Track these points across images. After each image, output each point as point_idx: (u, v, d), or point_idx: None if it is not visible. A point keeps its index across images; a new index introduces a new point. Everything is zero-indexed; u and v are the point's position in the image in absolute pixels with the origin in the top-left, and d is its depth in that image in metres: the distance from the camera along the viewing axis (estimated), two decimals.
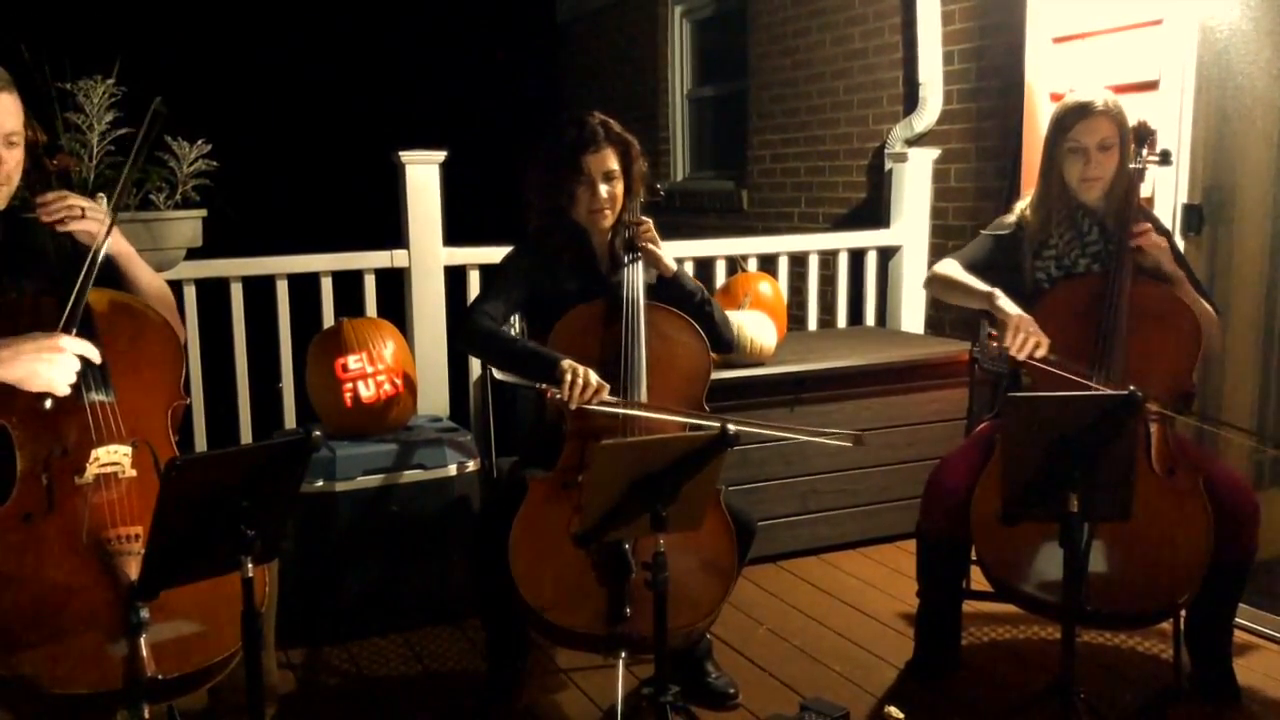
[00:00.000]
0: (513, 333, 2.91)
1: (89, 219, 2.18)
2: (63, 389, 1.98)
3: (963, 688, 2.93)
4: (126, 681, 1.91)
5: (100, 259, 2.12)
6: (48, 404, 1.98)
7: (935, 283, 2.97)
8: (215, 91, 7.98)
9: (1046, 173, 2.88)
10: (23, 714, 2.02)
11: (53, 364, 1.95)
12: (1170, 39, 3.56)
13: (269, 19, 9.61)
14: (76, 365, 1.99)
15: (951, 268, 2.93)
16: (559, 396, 2.52)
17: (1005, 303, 2.74)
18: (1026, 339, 2.64)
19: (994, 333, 2.72)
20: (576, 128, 2.77)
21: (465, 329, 2.77)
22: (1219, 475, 2.67)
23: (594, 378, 2.53)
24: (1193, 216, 3.54)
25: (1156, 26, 3.61)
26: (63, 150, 2.81)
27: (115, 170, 3.19)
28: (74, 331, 2.02)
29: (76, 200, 2.18)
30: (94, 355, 2.03)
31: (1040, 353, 2.65)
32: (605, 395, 2.54)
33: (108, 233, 2.15)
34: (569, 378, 2.51)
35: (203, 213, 3.37)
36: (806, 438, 2.55)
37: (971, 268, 2.91)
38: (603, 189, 2.75)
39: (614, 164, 2.77)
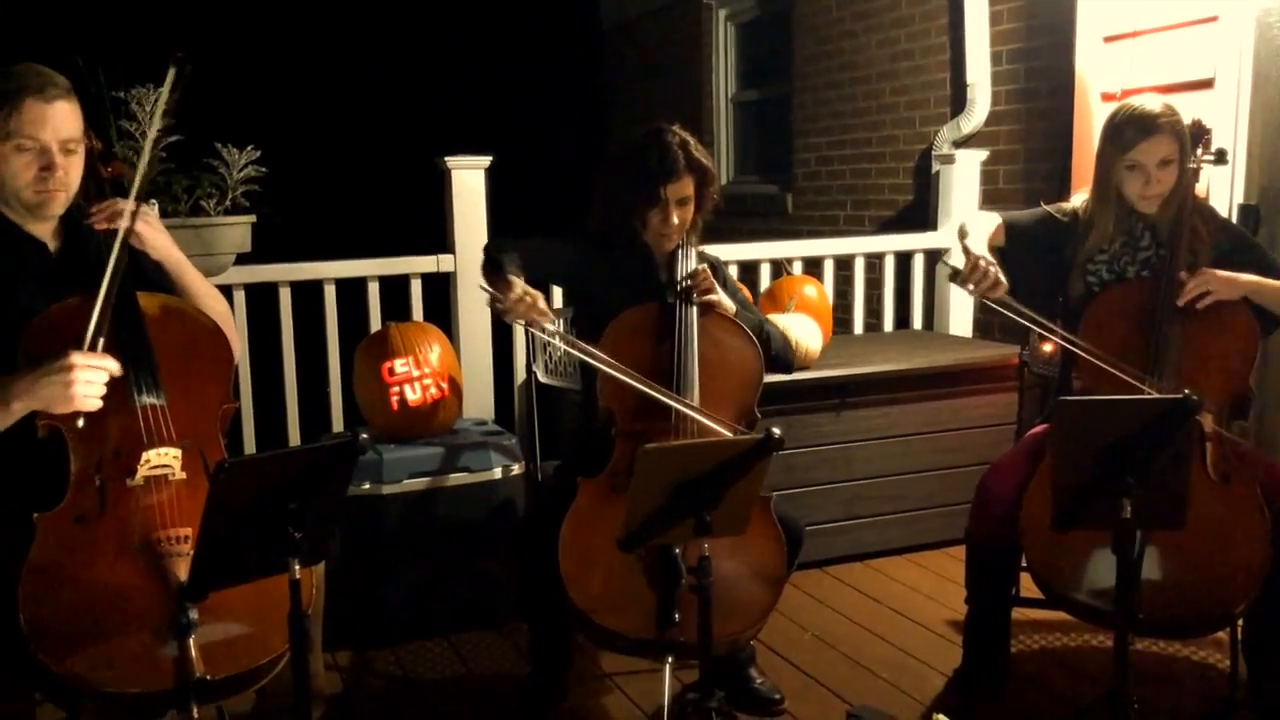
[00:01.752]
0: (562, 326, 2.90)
1: (138, 223, 2.21)
2: (90, 405, 1.98)
3: (1012, 696, 2.89)
4: (176, 682, 1.93)
5: (124, 257, 2.11)
6: (80, 423, 2.00)
7: (961, 229, 2.99)
8: (264, 98, 8.09)
9: (1102, 186, 2.80)
10: (76, 713, 2.06)
11: (71, 384, 1.95)
12: (1226, 36, 3.49)
13: (316, 26, 9.72)
14: (99, 378, 1.99)
15: (988, 219, 2.91)
16: (500, 306, 2.50)
17: (973, 242, 2.75)
18: (985, 277, 2.62)
19: (951, 265, 2.73)
20: (659, 152, 2.73)
21: (489, 243, 2.84)
22: (1277, 480, 2.61)
23: (542, 302, 2.52)
24: (1249, 217, 3.48)
25: (1212, 23, 3.55)
26: (116, 158, 2.85)
27: (167, 177, 3.24)
28: (100, 343, 2.02)
29: (126, 205, 2.21)
30: (113, 368, 2.01)
31: (997, 294, 2.63)
32: (547, 325, 2.53)
33: (132, 220, 2.15)
34: (518, 290, 2.49)
35: (252, 218, 3.41)
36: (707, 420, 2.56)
37: (1012, 226, 2.90)
38: (675, 216, 2.76)
39: (690, 191, 2.78)
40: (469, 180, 4.01)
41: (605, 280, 2.82)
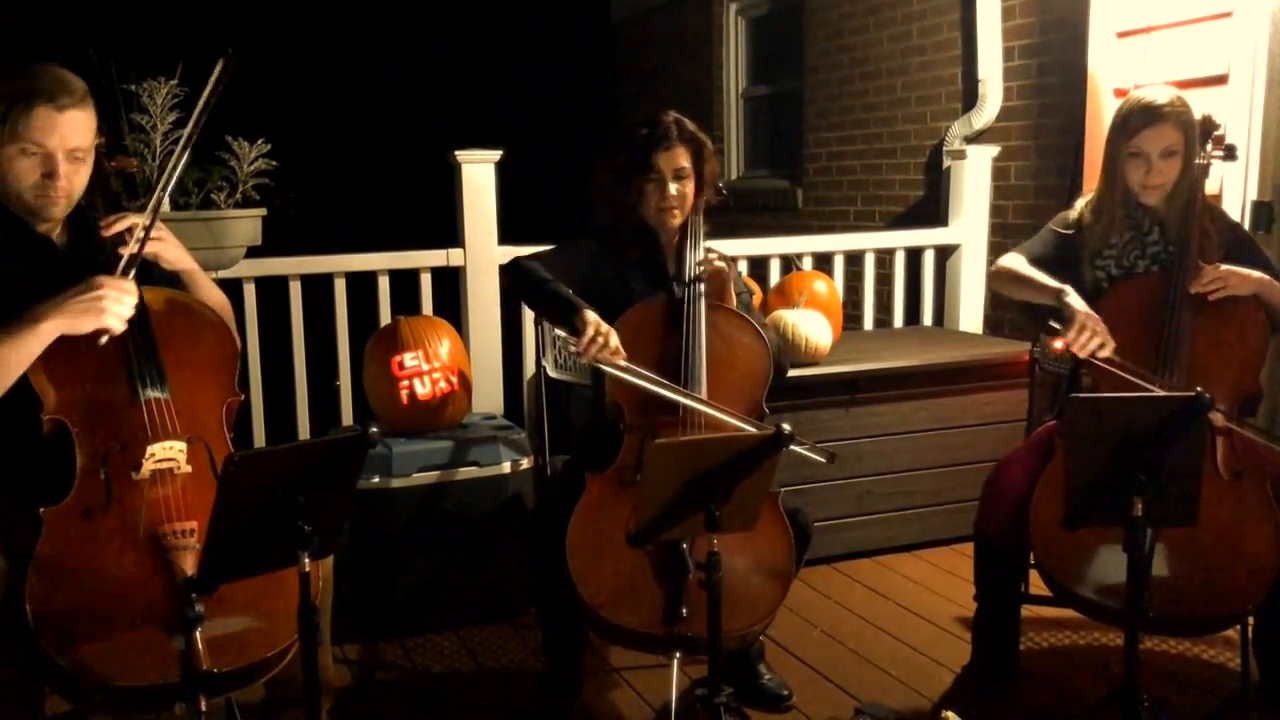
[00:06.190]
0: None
1: (150, 240, 2.21)
2: (117, 324, 2.05)
3: (1021, 694, 2.88)
4: (183, 674, 1.93)
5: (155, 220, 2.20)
6: (103, 340, 2.05)
7: (1000, 277, 2.91)
8: (275, 92, 8.09)
9: (1108, 174, 2.79)
10: (84, 706, 2.06)
11: (101, 298, 2.03)
12: (1240, 31, 3.47)
13: (328, 20, 9.73)
14: (127, 299, 2.06)
15: (1017, 262, 2.86)
16: (573, 348, 2.52)
17: (1074, 299, 2.68)
18: (1091, 337, 2.59)
19: (1057, 327, 2.66)
20: (650, 125, 2.76)
21: (511, 263, 2.80)
22: None
23: (614, 339, 2.52)
24: (1262, 214, 3.46)
25: (1226, 19, 3.53)
26: (125, 151, 2.86)
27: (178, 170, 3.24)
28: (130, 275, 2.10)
29: (137, 220, 2.21)
30: (131, 290, 2.08)
31: (1104, 353, 2.59)
32: (620, 361, 2.52)
33: (141, 246, 2.18)
34: (589, 332, 2.49)
35: (262, 212, 3.42)
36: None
37: (1036, 262, 2.84)
38: (672, 187, 2.75)
39: (685, 162, 2.76)
40: (479, 174, 4.01)
41: (613, 273, 2.81)
